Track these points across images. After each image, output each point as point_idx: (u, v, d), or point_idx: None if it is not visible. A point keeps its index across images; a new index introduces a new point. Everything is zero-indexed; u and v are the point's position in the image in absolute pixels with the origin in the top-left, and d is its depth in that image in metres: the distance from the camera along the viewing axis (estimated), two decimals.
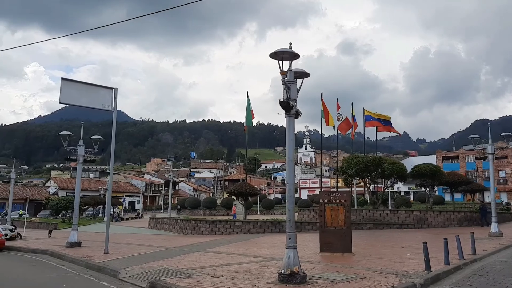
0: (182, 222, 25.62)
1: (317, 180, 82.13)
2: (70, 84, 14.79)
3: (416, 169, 26.33)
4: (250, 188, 28.34)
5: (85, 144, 18.52)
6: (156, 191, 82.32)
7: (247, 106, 32.24)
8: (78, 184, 18.59)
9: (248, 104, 32.36)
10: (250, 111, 32.36)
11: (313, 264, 11.31)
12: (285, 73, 8.96)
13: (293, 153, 9.25)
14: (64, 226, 36.03)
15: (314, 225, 24.21)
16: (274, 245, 16.96)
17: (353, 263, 11.42)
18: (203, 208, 57.63)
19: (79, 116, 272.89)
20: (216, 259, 12.83)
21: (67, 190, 63.51)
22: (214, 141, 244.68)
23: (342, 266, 10.96)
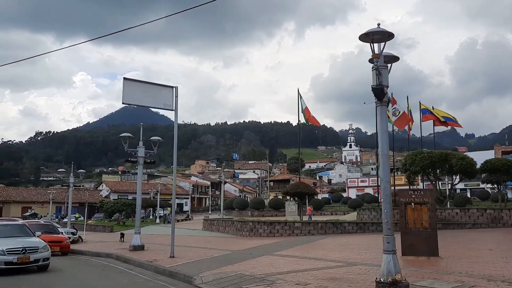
0: (239, 224, 25.02)
1: (366, 179, 79.88)
2: (132, 84, 14.46)
3: (488, 164, 24.46)
4: (307, 188, 27.41)
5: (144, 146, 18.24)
6: (203, 192, 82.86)
7: (300, 104, 31.22)
8: (139, 186, 18.36)
9: (300, 102, 31.34)
10: (303, 109, 31.30)
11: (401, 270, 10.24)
12: (377, 56, 8.03)
13: (387, 147, 8.27)
14: (119, 229, 36.45)
15: (379, 226, 22.93)
16: (343, 247, 15.96)
17: (447, 269, 10.27)
18: (251, 209, 57.15)
19: (125, 121, 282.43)
20: (290, 263, 12.02)
21: (118, 193, 64.97)
22: (255, 142, 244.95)
23: (436, 272, 9.85)
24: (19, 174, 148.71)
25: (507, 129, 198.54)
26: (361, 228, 22.74)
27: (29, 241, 12.77)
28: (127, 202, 40.74)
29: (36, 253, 12.30)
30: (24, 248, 12.11)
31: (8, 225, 14.72)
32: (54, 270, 13.00)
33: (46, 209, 53.93)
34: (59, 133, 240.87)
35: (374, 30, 7.90)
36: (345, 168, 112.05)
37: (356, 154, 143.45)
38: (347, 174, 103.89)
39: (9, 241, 12.46)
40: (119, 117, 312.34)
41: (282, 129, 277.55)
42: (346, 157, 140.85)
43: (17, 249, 12.04)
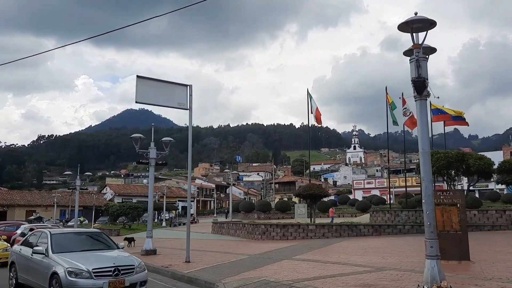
0: (250, 227, 24.45)
1: (372, 181, 79.15)
2: (145, 82, 13.93)
3: (506, 164, 23.88)
4: (320, 189, 26.83)
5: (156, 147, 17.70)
6: (207, 195, 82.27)
7: (310, 105, 30.62)
8: (151, 189, 17.82)
9: (310, 103, 30.73)
10: (314, 109, 30.65)
11: None
12: (418, 46, 7.47)
13: (428, 144, 7.71)
14: (125, 232, 35.91)
15: (395, 228, 22.40)
16: (364, 251, 15.36)
17: (484, 274, 9.68)
18: (257, 212, 56.49)
19: (127, 124, 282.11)
20: (314, 268, 11.44)
21: (122, 196, 64.46)
22: (259, 144, 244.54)
23: (475, 277, 9.26)
24: (22, 177, 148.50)
25: (511, 130, 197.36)
26: (377, 230, 22.14)
27: (121, 257, 9.16)
28: (133, 205, 40.19)
29: (132, 275, 8.64)
30: (117, 268, 8.43)
31: (83, 232, 11.22)
32: None
33: (50, 213, 53.49)
34: (61, 136, 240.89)
35: (414, 18, 7.36)
36: (350, 170, 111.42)
37: (360, 156, 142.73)
38: (352, 176, 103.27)
39: (92, 256, 8.97)
40: (121, 120, 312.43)
41: (285, 131, 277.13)
42: (350, 159, 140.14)
43: (108, 269, 8.34)
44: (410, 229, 22.20)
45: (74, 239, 10.15)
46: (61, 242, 9.39)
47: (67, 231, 11.68)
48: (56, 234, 9.78)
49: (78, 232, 11.23)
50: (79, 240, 10.18)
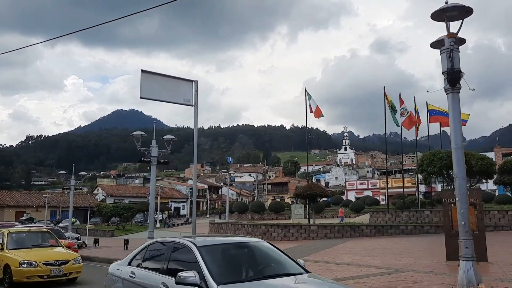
0: (250, 227, 23.99)
1: (365, 182, 79.19)
2: (150, 77, 13.38)
3: (508, 165, 23.75)
4: (320, 189, 26.49)
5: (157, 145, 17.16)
6: (200, 196, 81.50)
7: (308, 104, 30.23)
8: (152, 188, 17.26)
9: (310, 102, 30.32)
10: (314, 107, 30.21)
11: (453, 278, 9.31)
12: (454, 35, 7.12)
13: (461, 139, 7.36)
14: (119, 233, 35.25)
15: (397, 229, 22.12)
16: (373, 252, 15.01)
17: (506, 275, 9.38)
18: (251, 213, 56.11)
19: (117, 124, 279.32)
20: (328, 270, 11.03)
21: (114, 197, 63.51)
22: (249, 146, 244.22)
23: (499, 279, 8.94)
24: (10, 178, 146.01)
25: (497, 132, 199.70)
26: (379, 231, 21.83)
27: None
28: (127, 206, 39.47)
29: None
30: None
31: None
32: (79, 281, 11.79)
33: (41, 214, 52.36)
34: (50, 137, 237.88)
35: (450, 5, 6.99)
36: (341, 171, 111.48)
37: (351, 157, 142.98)
38: (344, 177, 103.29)
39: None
40: (111, 121, 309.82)
41: (276, 132, 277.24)
42: (341, 160, 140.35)
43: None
44: (412, 229, 21.93)
45: None
46: None
47: None
48: None
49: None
50: None
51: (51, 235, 12.99)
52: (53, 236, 12.98)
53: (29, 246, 11.72)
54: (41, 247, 11.97)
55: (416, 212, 24.47)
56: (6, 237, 11.54)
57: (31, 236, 12.52)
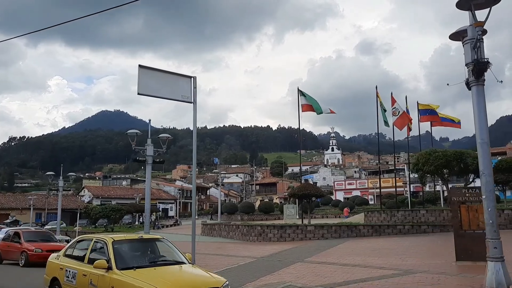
0: (245, 228, 23.54)
1: (353, 182, 79.36)
2: (148, 72, 12.81)
3: (503, 163, 23.75)
4: (315, 189, 26.15)
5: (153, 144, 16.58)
6: (188, 197, 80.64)
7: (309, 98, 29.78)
8: (147, 189, 16.63)
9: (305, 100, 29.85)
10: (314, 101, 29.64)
11: (469, 279, 9.04)
12: (481, 24, 6.78)
13: (487, 133, 7.03)
14: None
15: (395, 228, 21.91)
16: (376, 252, 14.71)
17: None
18: (240, 213, 55.59)
19: (102, 126, 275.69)
20: (336, 272, 10.66)
21: (101, 199, 62.36)
22: (236, 146, 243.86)
23: None
24: None
25: None
26: (377, 231, 21.59)
27: None
28: (116, 207, 38.58)
29: None
30: None
31: None
32: None
33: (25, 216, 51.07)
34: (33, 138, 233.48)
35: None
36: (329, 171, 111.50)
37: (338, 157, 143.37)
38: (331, 177, 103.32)
39: None
40: (95, 122, 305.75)
41: (262, 133, 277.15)
42: (328, 160, 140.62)
43: None
44: (410, 229, 21.75)
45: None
46: None
47: None
48: None
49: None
50: None
51: (168, 246, 7.85)
52: (172, 247, 7.79)
53: (146, 262, 7.01)
54: (159, 264, 7.04)
55: (412, 211, 24.32)
56: (111, 250, 6.92)
57: (143, 246, 7.76)
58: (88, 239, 7.97)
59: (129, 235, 8.38)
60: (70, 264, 7.65)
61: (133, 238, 7.97)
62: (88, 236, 8.59)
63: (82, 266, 7.26)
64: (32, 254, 15.08)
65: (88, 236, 8.86)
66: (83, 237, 8.50)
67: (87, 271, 6.99)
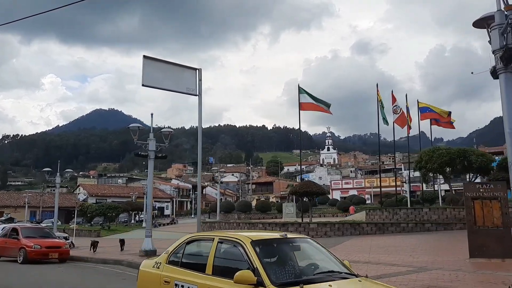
0: (246, 226, 23.26)
1: (350, 181, 79.36)
2: (153, 63, 12.55)
3: (506, 161, 23.60)
4: (317, 187, 25.86)
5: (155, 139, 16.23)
6: (184, 196, 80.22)
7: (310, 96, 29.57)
8: (149, 185, 16.31)
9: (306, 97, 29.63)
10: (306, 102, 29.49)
11: (489, 276, 8.77)
12: (511, 7, 6.49)
13: None
14: (105, 234, 34.00)
15: (398, 226, 21.66)
16: (385, 250, 14.45)
17: None
18: (237, 212, 55.39)
19: (96, 124, 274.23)
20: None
21: (97, 197, 61.80)
22: (231, 146, 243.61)
23: None
24: None
25: (474, 133, 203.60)
26: (380, 229, 21.34)
27: None
28: (112, 205, 38.14)
29: None
30: None
31: None
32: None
33: (19, 214, 50.45)
34: (27, 136, 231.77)
35: None
36: (325, 170, 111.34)
37: (334, 157, 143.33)
38: (327, 176, 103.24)
39: None
40: (89, 121, 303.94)
41: (258, 133, 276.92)
42: (324, 160, 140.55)
43: None
44: (413, 227, 21.50)
45: None
46: None
47: None
48: None
49: None
50: None
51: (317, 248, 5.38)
52: (323, 249, 5.31)
53: (310, 275, 4.66)
54: (331, 278, 4.52)
55: (415, 209, 24.11)
56: (255, 255, 4.50)
57: (289, 250, 5.25)
58: (206, 238, 5.44)
59: (267, 234, 5.79)
60: (181, 276, 5.02)
61: (276, 237, 5.22)
62: (204, 235, 6.06)
63: (204, 279, 4.70)
64: (31, 251, 14.72)
65: (204, 234, 6.29)
66: (196, 236, 5.70)
67: (216, 286, 4.51)
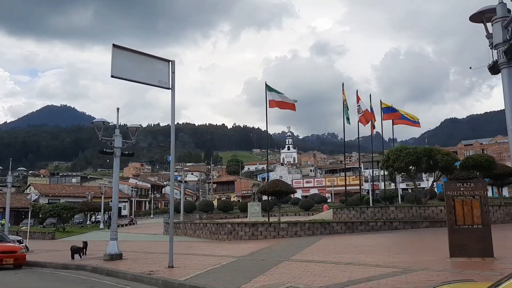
0: (214, 226, 22.51)
1: (311, 180, 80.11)
2: (123, 53, 11.64)
3: (470, 160, 24.24)
4: (286, 186, 25.47)
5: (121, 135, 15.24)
6: (143, 195, 78.00)
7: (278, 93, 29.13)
8: (115, 185, 15.26)
9: (271, 95, 29.21)
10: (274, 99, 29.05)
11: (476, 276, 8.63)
12: None
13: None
14: (61, 236, 32.20)
15: (367, 225, 21.69)
16: (359, 249, 14.22)
17: None
18: (199, 212, 54.50)
19: (47, 121, 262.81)
20: (332, 270, 9.93)
21: (49, 197, 58.81)
22: (190, 145, 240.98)
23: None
24: None
25: (426, 134, 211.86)
26: (350, 228, 21.27)
27: None
28: (68, 206, 36.19)
29: None
30: None
31: None
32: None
33: None
34: None
35: None
36: (286, 169, 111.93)
37: (294, 156, 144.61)
38: (288, 175, 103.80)
39: None
40: (40, 117, 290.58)
41: (217, 131, 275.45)
42: (285, 159, 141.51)
43: None
44: (382, 225, 21.61)
45: None
46: None
47: None
48: None
49: None
50: None
51: None
52: None
53: None
54: None
55: (381, 208, 24.29)
56: None
57: None
58: None
59: None
60: None
61: None
62: None
63: None
64: None
65: None
66: None
67: None
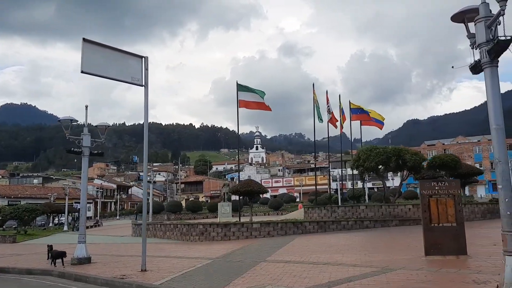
0: (185, 227, 22.05)
1: (280, 180, 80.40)
2: (94, 48, 11.12)
3: (437, 160, 24.80)
4: (258, 186, 25.31)
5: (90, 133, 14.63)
6: (108, 196, 76.02)
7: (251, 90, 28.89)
8: (83, 185, 14.62)
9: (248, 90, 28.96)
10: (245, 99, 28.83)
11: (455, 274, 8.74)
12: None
13: (502, 117, 6.55)
14: (22, 239, 30.79)
15: (339, 224, 21.82)
16: (334, 249, 14.22)
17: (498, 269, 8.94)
18: (166, 213, 53.57)
19: (6, 120, 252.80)
20: (311, 271, 9.81)
21: (9, 198, 56.38)
22: (157, 144, 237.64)
23: (491, 273, 8.35)
24: None
25: (390, 134, 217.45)
26: (322, 227, 21.33)
27: None
28: (30, 207, 34.66)
29: None
30: None
31: None
32: None
33: None
34: None
35: None
36: (254, 169, 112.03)
37: (262, 156, 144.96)
38: (257, 175, 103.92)
39: None
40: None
41: (185, 131, 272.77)
42: (253, 159, 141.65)
43: None
44: (353, 224, 21.79)
45: None
46: None
47: None
48: None
49: None
50: None
51: None
52: None
53: None
54: None
55: (352, 207, 24.49)
56: None
57: None
58: None
59: None
60: None
61: None
62: None
63: None
64: None
65: None
66: None
67: None
